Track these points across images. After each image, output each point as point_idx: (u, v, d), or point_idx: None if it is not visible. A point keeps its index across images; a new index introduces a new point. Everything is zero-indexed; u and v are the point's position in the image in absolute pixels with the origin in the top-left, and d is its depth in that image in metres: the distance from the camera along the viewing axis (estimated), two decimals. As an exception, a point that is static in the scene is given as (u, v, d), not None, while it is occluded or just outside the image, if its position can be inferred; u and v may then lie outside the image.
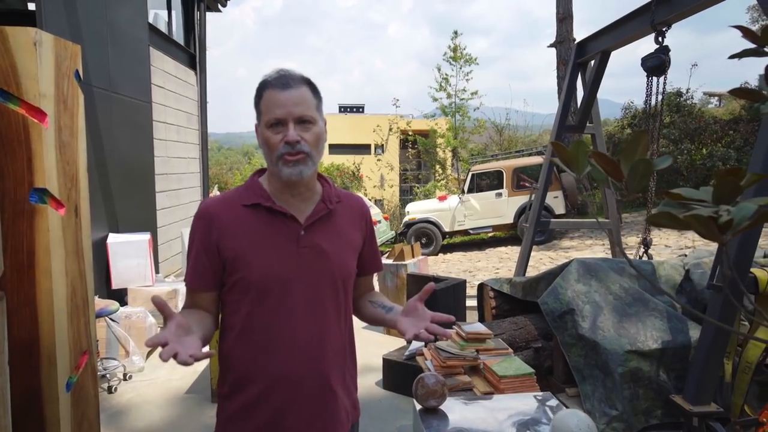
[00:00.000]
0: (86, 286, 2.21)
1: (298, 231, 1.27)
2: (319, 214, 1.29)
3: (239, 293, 1.25)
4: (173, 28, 7.40)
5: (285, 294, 1.24)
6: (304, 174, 1.24)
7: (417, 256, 5.31)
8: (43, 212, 1.91)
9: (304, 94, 1.24)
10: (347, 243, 1.34)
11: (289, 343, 1.24)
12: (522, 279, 3.95)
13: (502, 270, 8.90)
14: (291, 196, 1.29)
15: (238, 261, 1.23)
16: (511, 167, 11.26)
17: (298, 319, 1.25)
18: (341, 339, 1.33)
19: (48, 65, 1.88)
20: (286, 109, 1.21)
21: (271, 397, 1.24)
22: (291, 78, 1.24)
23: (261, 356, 1.25)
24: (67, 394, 2.12)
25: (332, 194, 1.35)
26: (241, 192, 1.30)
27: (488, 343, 2.63)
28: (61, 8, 4.20)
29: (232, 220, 1.26)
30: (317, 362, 1.26)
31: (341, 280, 1.30)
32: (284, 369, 1.24)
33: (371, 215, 1.44)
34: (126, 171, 5.33)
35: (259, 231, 1.25)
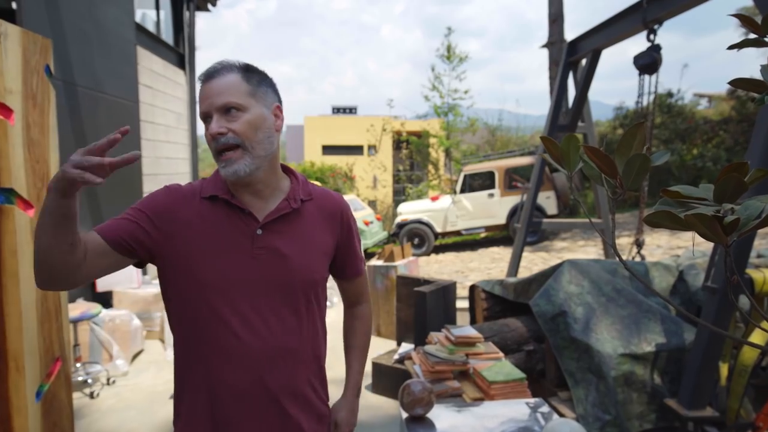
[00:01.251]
0: (59, 292, 2.11)
1: (255, 230, 1.15)
2: (280, 212, 1.18)
3: (181, 291, 1.14)
4: (162, 27, 7.29)
5: (229, 297, 1.12)
6: (241, 172, 1.11)
7: (407, 257, 5.23)
8: (9, 213, 1.82)
9: (229, 80, 1.12)
10: (313, 246, 1.21)
11: (234, 352, 1.12)
12: (514, 280, 3.89)
13: (495, 271, 8.85)
14: (248, 193, 1.18)
15: (186, 256, 1.12)
16: (503, 167, 11.22)
17: (245, 326, 1.13)
18: (302, 351, 1.19)
19: (15, 59, 1.79)
20: (209, 100, 1.12)
21: (212, 410, 1.14)
22: (220, 67, 1.14)
23: (199, 364, 1.14)
24: (38, 403, 2.03)
25: (299, 192, 1.22)
26: (204, 183, 1.20)
27: (478, 347, 2.56)
28: (43, 6, 4.09)
29: (188, 209, 1.15)
30: (266, 377, 1.14)
31: (303, 288, 1.18)
32: (227, 381, 1.13)
33: (351, 214, 1.32)
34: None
35: (213, 226, 1.14)
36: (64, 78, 4.32)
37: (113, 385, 3.81)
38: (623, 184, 0.94)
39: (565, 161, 1.04)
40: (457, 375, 2.48)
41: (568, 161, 1.04)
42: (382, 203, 16.72)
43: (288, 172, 1.27)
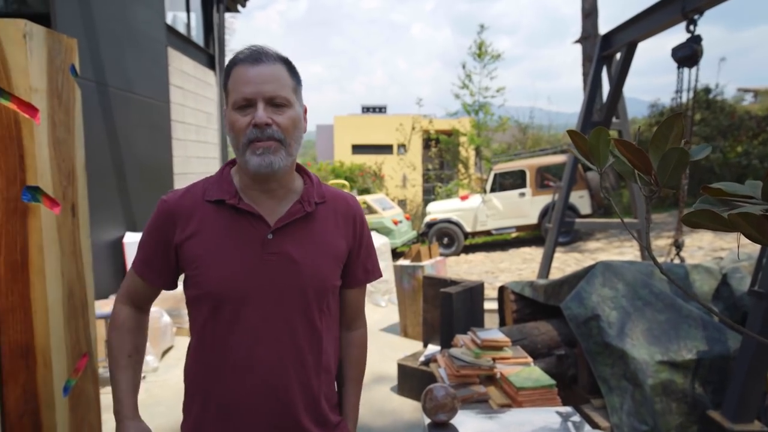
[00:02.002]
0: (85, 288, 2.14)
1: (265, 234, 1.09)
2: (292, 217, 1.11)
3: (195, 299, 1.11)
4: (192, 29, 7.41)
5: (241, 308, 1.07)
6: (276, 166, 1.05)
7: (435, 257, 5.16)
8: (36, 211, 1.84)
9: (278, 71, 1.06)
10: (326, 251, 1.14)
11: (243, 364, 1.08)
12: (544, 282, 3.77)
13: (526, 271, 8.67)
14: (261, 192, 1.11)
15: (195, 264, 1.09)
16: (534, 166, 10.99)
17: (255, 337, 1.08)
18: (315, 361, 1.14)
19: (40, 58, 1.81)
20: (255, 86, 1.04)
21: (222, 423, 1.10)
22: (264, 53, 1.06)
23: (211, 377, 1.10)
24: (65, 398, 2.05)
25: (313, 194, 1.15)
26: (208, 185, 1.14)
27: (505, 350, 2.47)
28: (76, 10, 4.20)
29: (193, 216, 1.10)
30: (277, 387, 1.09)
31: (315, 296, 1.12)
32: (237, 391, 1.08)
33: (363, 218, 1.24)
34: (143, 170, 5.32)
35: (221, 232, 1.09)
36: (97, 79, 4.42)
37: (143, 381, 3.87)
38: (658, 180, 0.86)
39: (594, 156, 0.96)
40: (484, 379, 2.40)
41: (598, 156, 0.96)
42: (412, 202, 16.65)
43: (301, 171, 1.20)
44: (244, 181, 1.12)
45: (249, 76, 1.04)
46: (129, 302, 1.21)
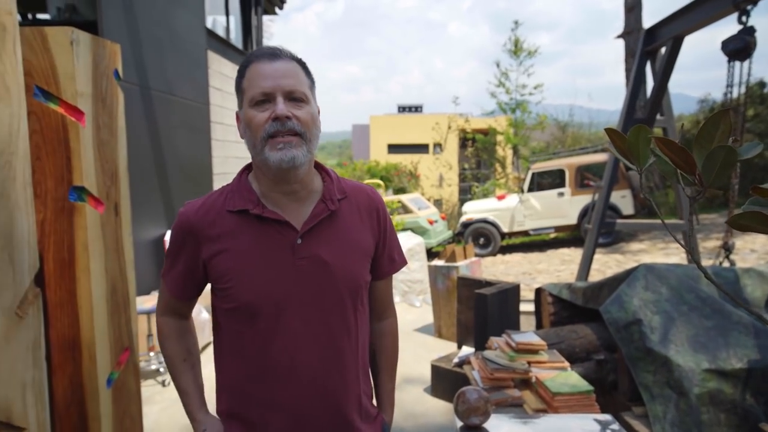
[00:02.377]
0: (127, 285, 2.21)
1: (294, 240, 1.08)
2: (318, 218, 1.09)
3: (229, 312, 1.10)
4: (231, 32, 7.57)
5: (279, 316, 1.07)
6: (298, 160, 1.03)
7: (470, 258, 5.10)
8: (81, 210, 1.92)
9: (294, 67, 1.07)
10: (355, 248, 1.13)
11: (286, 369, 1.08)
12: (583, 284, 3.67)
13: (564, 273, 8.47)
14: (283, 195, 1.09)
15: (225, 278, 1.07)
16: (574, 165, 10.72)
17: (296, 342, 1.08)
18: (353, 360, 1.14)
19: (85, 64, 1.88)
20: (274, 81, 1.03)
21: (272, 426, 1.10)
22: (280, 51, 1.07)
23: (255, 384, 1.10)
24: (108, 389, 2.13)
25: (334, 190, 1.14)
26: (227, 194, 1.12)
27: (541, 354, 2.41)
28: (121, 16, 4.35)
29: (217, 229, 1.08)
30: (322, 390, 1.10)
31: (350, 294, 1.11)
32: (282, 397, 1.09)
33: (385, 208, 1.23)
34: (184, 170, 5.47)
35: (248, 242, 1.07)
36: (140, 82, 4.57)
37: (183, 376, 3.98)
38: (703, 180, 0.81)
39: (633, 155, 0.92)
40: (518, 383, 2.35)
41: (637, 155, 0.92)
42: (447, 202, 16.52)
43: (319, 168, 1.18)
44: (265, 185, 1.10)
45: (267, 71, 1.04)
46: (169, 313, 1.24)
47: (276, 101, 1.03)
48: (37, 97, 1.83)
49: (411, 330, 5.10)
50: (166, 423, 3.26)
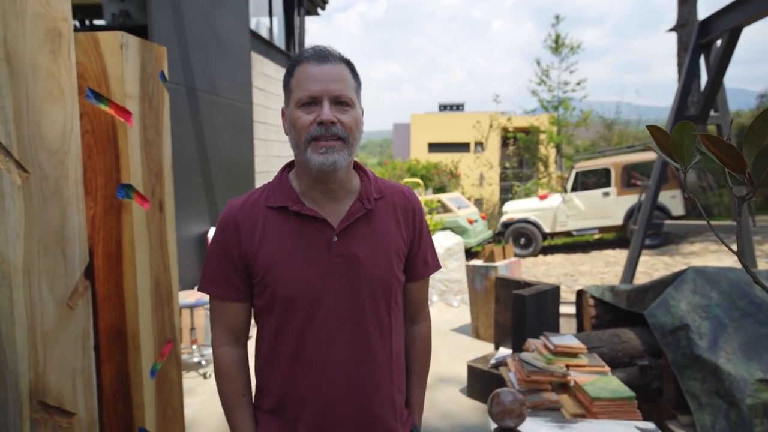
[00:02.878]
0: (170, 279, 2.29)
1: (330, 237, 1.10)
2: (354, 216, 1.11)
3: (267, 307, 1.12)
4: (274, 33, 7.72)
5: (314, 310, 1.09)
6: (339, 165, 1.06)
7: (509, 258, 5.02)
8: (128, 207, 2.00)
9: (343, 71, 1.07)
10: (389, 248, 1.14)
11: (319, 365, 1.10)
12: (627, 287, 3.55)
13: (609, 275, 8.22)
14: (321, 194, 1.12)
15: (264, 272, 1.10)
16: (620, 164, 10.37)
17: (329, 338, 1.10)
18: (385, 358, 1.15)
19: (134, 66, 1.96)
20: (322, 84, 1.04)
21: (304, 421, 1.12)
22: (329, 53, 1.07)
23: (290, 377, 1.12)
24: (152, 380, 2.21)
25: (371, 190, 1.16)
26: (269, 191, 1.15)
27: (581, 358, 2.35)
28: (170, 20, 4.51)
29: (258, 225, 1.12)
30: (354, 386, 1.11)
31: (383, 293, 1.12)
32: (316, 392, 1.10)
33: (422, 210, 1.24)
34: (227, 169, 5.62)
35: (287, 238, 1.10)
36: (187, 83, 4.72)
37: (224, 368, 4.09)
38: (753, 179, 0.77)
39: (677, 153, 0.88)
40: (556, 387, 2.30)
41: (682, 153, 0.88)
42: (488, 201, 16.32)
43: (357, 168, 1.20)
44: (305, 183, 1.12)
45: (315, 74, 1.05)
46: (225, 339, 1.18)
47: (322, 105, 1.05)
48: (89, 99, 1.92)
49: (448, 330, 5.07)
50: (206, 414, 3.37)
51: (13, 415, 1.47)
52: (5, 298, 1.42)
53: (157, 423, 2.23)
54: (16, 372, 1.45)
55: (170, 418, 2.34)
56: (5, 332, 1.44)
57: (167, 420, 2.31)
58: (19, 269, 1.45)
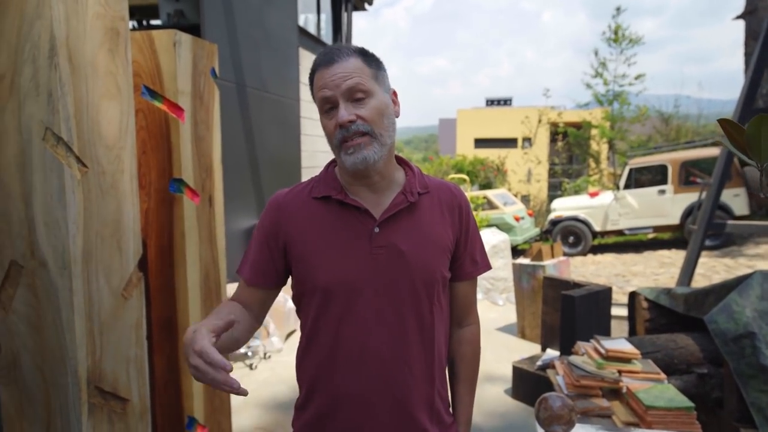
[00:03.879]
0: (219, 272, 2.34)
1: (372, 228, 1.09)
2: (397, 208, 1.10)
3: (306, 296, 1.12)
4: (322, 29, 7.78)
5: (352, 301, 1.08)
6: (370, 159, 1.05)
7: (557, 257, 4.87)
8: (180, 201, 2.05)
9: (351, 64, 1.04)
10: (433, 241, 1.12)
11: (356, 358, 1.08)
12: (685, 290, 3.37)
13: (663, 277, 7.86)
14: (364, 186, 1.11)
15: (304, 261, 1.10)
16: (678, 160, 9.88)
17: (367, 331, 1.08)
18: (425, 357, 1.12)
19: (186, 64, 2.01)
20: (332, 86, 1.03)
21: (336, 417, 1.10)
22: (336, 51, 1.06)
23: (324, 370, 1.11)
24: (201, 370, 2.28)
25: (415, 184, 1.14)
26: (314, 183, 1.16)
27: (634, 363, 2.25)
28: (222, 19, 4.62)
29: (301, 214, 1.12)
30: (390, 383, 1.08)
31: (425, 287, 1.10)
32: (349, 387, 1.09)
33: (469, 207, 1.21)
34: (274, 164, 5.72)
35: (329, 227, 1.10)
36: (237, 80, 4.83)
37: (268, 360, 4.18)
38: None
39: (752, 149, 0.81)
40: (606, 393, 2.20)
41: (758, 149, 0.81)
42: (536, 198, 15.94)
43: (402, 163, 1.19)
44: (346, 178, 1.13)
45: (326, 78, 1.05)
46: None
47: (338, 107, 1.05)
48: (144, 96, 1.98)
49: (493, 329, 4.99)
50: (252, 404, 3.45)
51: (72, 399, 1.54)
52: (66, 287, 1.49)
53: (206, 412, 2.29)
54: (75, 359, 1.52)
55: (218, 408, 2.40)
56: (66, 320, 1.50)
57: (215, 409, 2.37)
58: (79, 260, 1.51)
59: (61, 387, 1.55)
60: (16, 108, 1.42)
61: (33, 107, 1.41)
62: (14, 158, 1.46)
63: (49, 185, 1.45)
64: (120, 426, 1.71)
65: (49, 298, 1.51)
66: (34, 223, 1.48)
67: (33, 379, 1.58)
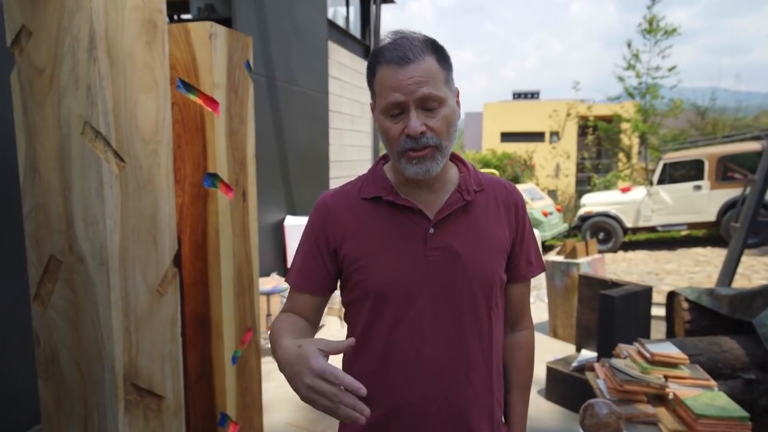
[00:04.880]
0: (251, 268, 2.32)
1: (426, 229, 1.03)
2: (452, 208, 1.04)
3: (357, 300, 1.07)
4: (350, 22, 7.73)
5: (408, 306, 1.02)
6: (433, 171, 0.99)
7: (592, 255, 4.74)
8: (214, 196, 2.03)
9: (428, 67, 0.95)
10: (490, 242, 1.06)
11: (411, 366, 1.03)
12: (729, 291, 3.23)
13: (698, 276, 7.61)
14: (417, 187, 1.05)
15: (356, 265, 1.05)
16: (715, 155, 9.53)
17: (423, 337, 1.02)
18: (485, 364, 1.06)
19: (221, 56, 1.98)
20: (405, 91, 0.94)
21: (391, 426, 1.05)
22: (410, 48, 0.96)
23: (378, 377, 1.05)
24: (233, 366, 2.26)
25: (470, 182, 1.08)
26: (363, 183, 1.10)
27: (681, 369, 2.15)
28: (252, 12, 4.61)
29: (351, 216, 1.07)
30: (448, 391, 1.03)
31: (483, 291, 1.04)
32: (405, 395, 1.03)
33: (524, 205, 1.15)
34: (304, 158, 5.71)
35: (380, 229, 1.04)
36: (267, 74, 4.81)
37: (298, 354, 4.17)
38: None
39: None
40: (651, 398, 2.11)
41: None
42: (564, 193, 15.64)
43: (455, 159, 1.13)
44: (399, 177, 1.07)
45: (398, 81, 0.95)
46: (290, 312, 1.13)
47: (409, 114, 0.97)
48: (179, 89, 1.96)
49: (523, 327, 4.89)
50: (282, 399, 3.44)
51: (109, 395, 1.53)
52: (103, 283, 1.48)
53: (237, 408, 2.28)
54: (112, 355, 1.51)
55: (249, 404, 2.39)
56: (103, 316, 1.49)
57: (246, 405, 2.36)
58: (116, 256, 1.50)
59: (98, 383, 1.55)
60: (55, 102, 1.40)
61: (72, 101, 1.39)
62: (53, 152, 1.44)
63: (87, 180, 1.43)
64: (155, 423, 1.70)
65: (86, 293, 1.50)
66: (72, 218, 1.47)
67: (71, 374, 1.57)
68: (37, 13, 1.36)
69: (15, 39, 1.40)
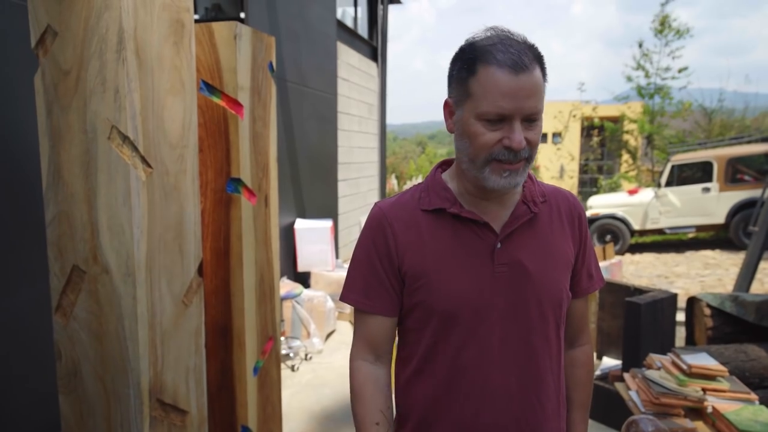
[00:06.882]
0: (273, 275, 2.25)
1: (494, 244, 0.96)
2: (519, 221, 0.98)
3: (420, 320, 0.99)
4: (358, 21, 7.66)
5: (477, 325, 0.96)
6: (519, 184, 0.94)
7: (609, 259, 4.67)
8: (237, 201, 1.97)
9: (537, 80, 0.89)
10: (556, 257, 1.00)
11: (479, 390, 0.96)
12: (756, 297, 3.16)
13: (709, 279, 7.54)
14: (485, 198, 0.98)
15: (419, 282, 0.97)
16: (724, 157, 9.45)
17: (491, 359, 0.96)
18: (555, 386, 1.01)
19: (246, 57, 1.91)
20: (516, 103, 0.87)
21: None
22: (524, 53, 0.88)
23: (444, 399, 0.98)
24: (255, 377, 2.19)
25: (536, 192, 1.02)
26: (421, 193, 1.02)
27: (720, 381, 2.07)
28: (265, 12, 4.54)
29: (411, 229, 0.99)
30: (519, 417, 0.97)
31: (551, 308, 0.98)
32: (473, 422, 0.97)
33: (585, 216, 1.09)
34: (313, 160, 5.64)
35: (444, 244, 0.97)
36: (278, 75, 4.74)
37: (310, 361, 4.10)
38: None
39: None
40: (687, 412, 2.04)
41: None
42: (568, 195, 15.54)
43: None
44: (464, 186, 1.00)
45: (510, 89, 0.87)
46: (364, 353, 1.06)
47: (512, 126, 0.89)
48: (202, 91, 1.89)
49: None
50: (296, 407, 3.37)
51: (134, 411, 1.46)
52: (129, 295, 1.41)
53: (258, 421, 2.21)
54: (138, 369, 1.44)
55: (270, 416, 2.32)
56: (128, 330, 1.42)
57: (267, 417, 2.29)
58: (143, 266, 1.43)
59: (122, 398, 1.48)
60: (81, 105, 1.33)
61: (99, 104, 1.32)
62: (78, 158, 1.38)
63: (113, 187, 1.36)
64: (180, 439, 1.63)
65: (111, 305, 1.43)
66: (97, 227, 1.40)
67: (94, 389, 1.50)
68: (63, 12, 1.29)
69: (39, 40, 1.33)
